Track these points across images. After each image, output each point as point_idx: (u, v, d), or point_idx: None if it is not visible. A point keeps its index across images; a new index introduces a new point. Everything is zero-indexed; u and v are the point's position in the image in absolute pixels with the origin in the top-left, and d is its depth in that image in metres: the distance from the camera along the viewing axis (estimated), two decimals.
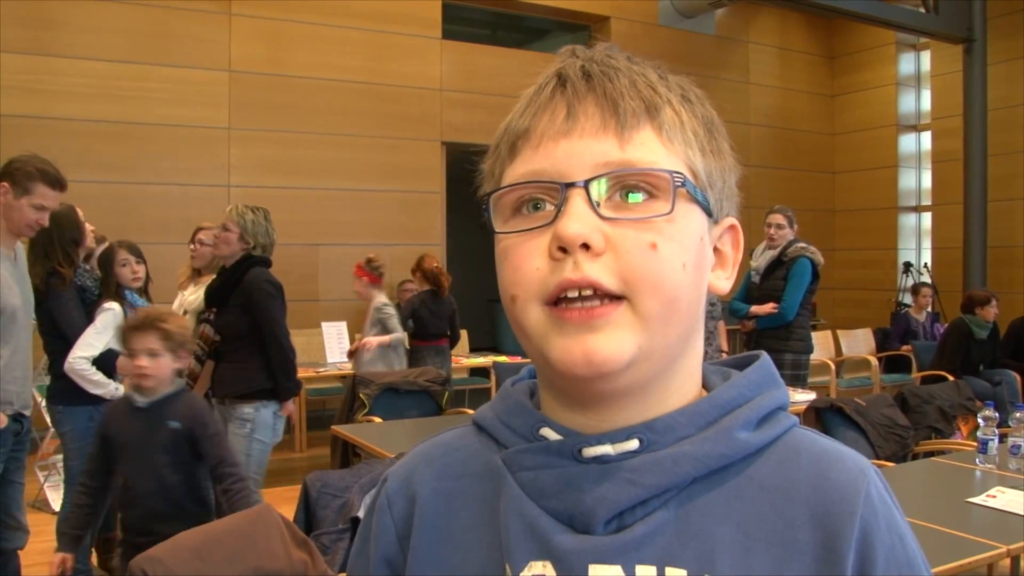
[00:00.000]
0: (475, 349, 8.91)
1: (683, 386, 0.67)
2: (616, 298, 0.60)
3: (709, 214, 0.66)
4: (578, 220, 0.60)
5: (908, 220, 10.60)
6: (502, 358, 6.74)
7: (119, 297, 3.69)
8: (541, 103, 0.65)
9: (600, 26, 9.16)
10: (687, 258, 0.62)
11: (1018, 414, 3.32)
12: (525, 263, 0.62)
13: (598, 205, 0.61)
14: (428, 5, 8.17)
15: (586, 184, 0.61)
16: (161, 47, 6.95)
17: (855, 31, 10.55)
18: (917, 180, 10.60)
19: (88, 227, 3.83)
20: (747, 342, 5.16)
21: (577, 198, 0.61)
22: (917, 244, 10.62)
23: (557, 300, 0.61)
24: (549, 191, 0.63)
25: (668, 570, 0.61)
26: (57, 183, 3.13)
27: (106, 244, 3.98)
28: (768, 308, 4.85)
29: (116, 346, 3.61)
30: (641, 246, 0.60)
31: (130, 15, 6.83)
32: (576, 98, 0.63)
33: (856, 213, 10.68)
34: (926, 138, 10.46)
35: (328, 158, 7.66)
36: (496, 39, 9.70)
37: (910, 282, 9.62)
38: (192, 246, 4.42)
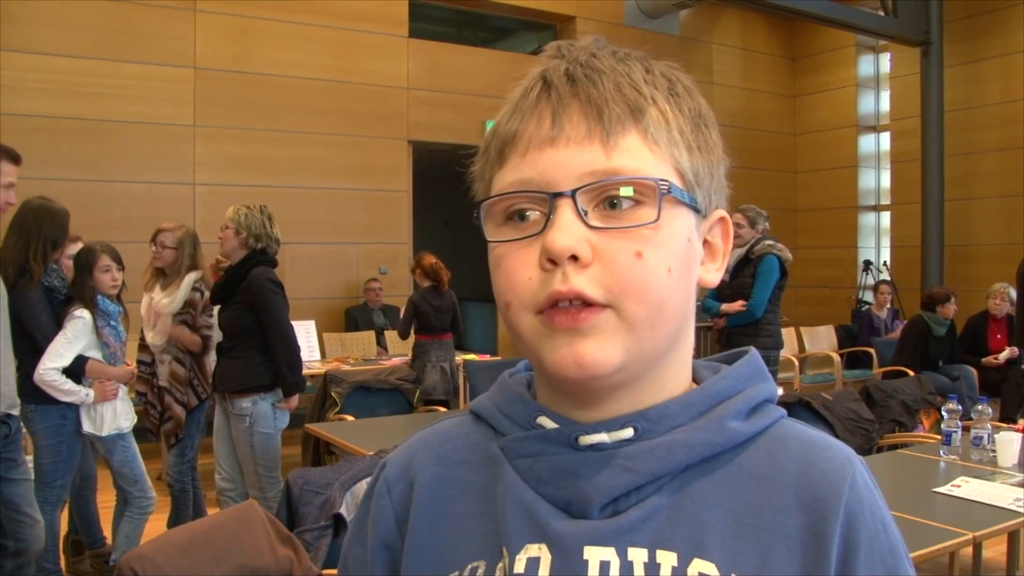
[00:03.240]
0: None
1: (675, 378, 0.69)
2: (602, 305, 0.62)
3: (697, 211, 0.67)
4: (566, 232, 0.61)
5: (868, 219, 10.78)
6: (471, 356, 6.73)
7: (91, 303, 3.61)
8: (527, 108, 0.65)
9: (565, 26, 9.21)
10: (673, 263, 0.64)
11: (979, 407, 3.42)
12: (517, 273, 0.64)
13: (586, 214, 0.62)
14: (395, 3, 8.13)
15: (573, 194, 0.62)
16: (125, 43, 6.85)
17: (816, 33, 10.70)
18: (876, 180, 10.77)
19: None
20: (719, 339, 5.24)
21: (565, 208, 0.62)
22: (876, 242, 10.80)
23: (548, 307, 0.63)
24: (537, 201, 0.64)
25: (659, 552, 0.63)
26: (16, 157, 3.17)
27: (80, 244, 3.90)
28: (737, 306, 4.92)
29: (86, 353, 3.59)
30: (627, 255, 0.62)
31: (94, 10, 6.72)
32: (561, 105, 0.64)
33: (817, 212, 10.83)
34: (885, 138, 10.62)
35: (294, 156, 7.60)
36: (462, 38, 9.69)
37: (870, 280, 9.80)
38: (153, 248, 4.29)
